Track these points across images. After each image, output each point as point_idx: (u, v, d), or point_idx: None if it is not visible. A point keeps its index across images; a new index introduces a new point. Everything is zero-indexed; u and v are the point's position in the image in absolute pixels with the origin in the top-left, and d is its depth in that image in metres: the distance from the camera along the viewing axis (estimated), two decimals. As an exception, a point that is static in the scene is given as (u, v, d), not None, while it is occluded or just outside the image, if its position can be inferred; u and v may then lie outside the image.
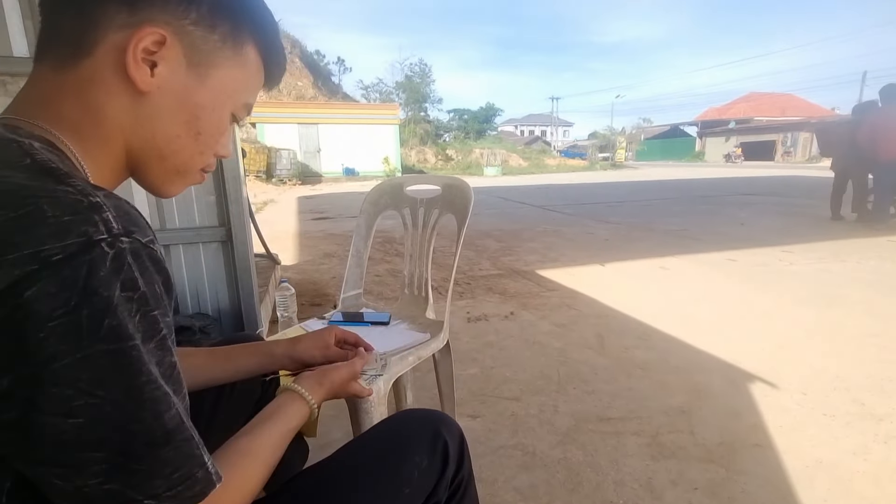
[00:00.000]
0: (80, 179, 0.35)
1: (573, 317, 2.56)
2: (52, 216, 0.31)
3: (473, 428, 1.54)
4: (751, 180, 13.97)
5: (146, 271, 0.34)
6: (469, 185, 1.38)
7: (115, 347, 0.32)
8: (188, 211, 1.67)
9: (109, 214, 0.33)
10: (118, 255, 0.32)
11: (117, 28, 0.39)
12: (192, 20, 0.41)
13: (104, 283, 0.32)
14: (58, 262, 0.30)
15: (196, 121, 0.44)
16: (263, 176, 15.13)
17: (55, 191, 0.33)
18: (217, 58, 0.43)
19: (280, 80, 0.53)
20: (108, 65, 0.40)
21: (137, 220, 0.35)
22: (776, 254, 4.04)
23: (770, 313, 2.60)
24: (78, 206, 0.32)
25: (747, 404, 1.67)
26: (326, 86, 29.64)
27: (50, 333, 0.30)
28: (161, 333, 0.35)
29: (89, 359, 0.31)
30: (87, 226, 0.32)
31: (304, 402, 0.59)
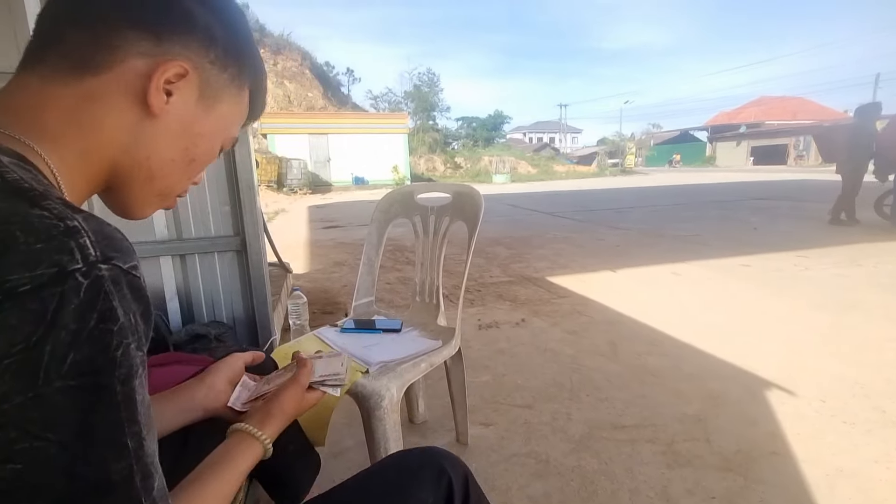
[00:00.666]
0: (57, 200, 0.33)
1: (585, 323, 2.55)
2: (23, 243, 0.29)
3: (486, 436, 1.53)
4: (763, 185, 13.80)
5: (124, 300, 0.32)
6: (479, 193, 1.39)
7: (76, 384, 0.30)
8: (204, 221, 1.71)
9: (87, 240, 0.31)
10: (94, 285, 0.31)
11: (137, 55, 0.41)
12: (210, 59, 0.45)
13: (74, 316, 0.30)
14: (24, 293, 0.29)
15: (194, 148, 0.47)
16: (275, 186, 15.33)
17: (28, 215, 0.31)
18: (223, 94, 0.47)
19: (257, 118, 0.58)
20: (119, 86, 0.41)
21: (119, 245, 0.34)
22: (791, 259, 3.98)
23: (786, 319, 2.56)
24: (52, 230, 0.31)
25: (764, 412, 1.64)
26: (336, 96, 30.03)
27: (4, 371, 0.28)
28: (140, 368, 0.34)
29: (43, 398, 0.29)
30: (60, 254, 0.30)
31: (255, 440, 0.57)
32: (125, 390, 0.32)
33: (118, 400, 0.32)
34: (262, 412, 0.61)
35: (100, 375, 0.31)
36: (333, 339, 1.29)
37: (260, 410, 0.61)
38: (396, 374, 1.09)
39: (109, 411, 0.31)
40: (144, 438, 0.33)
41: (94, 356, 0.30)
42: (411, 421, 1.61)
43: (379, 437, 1.06)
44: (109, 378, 0.31)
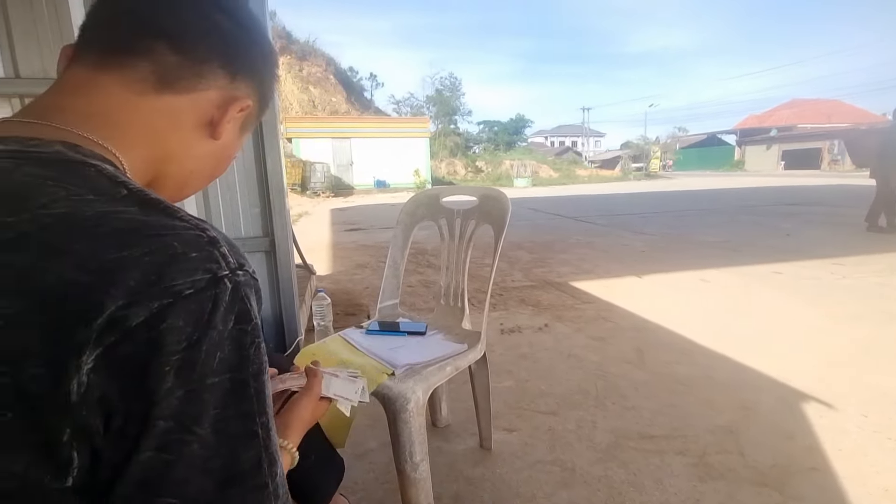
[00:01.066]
0: (183, 211, 0.37)
1: (610, 330, 2.50)
2: (181, 252, 0.33)
3: (510, 441, 1.51)
4: (795, 189, 13.32)
5: (254, 301, 0.36)
6: (506, 196, 1.38)
7: (219, 381, 0.33)
8: (235, 222, 1.75)
9: (225, 249, 0.35)
10: (236, 289, 0.34)
11: (217, 87, 0.46)
12: (255, 99, 0.50)
13: (223, 317, 0.33)
14: (188, 296, 0.32)
15: (219, 166, 0.52)
16: (298, 189, 15.62)
17: (175, 227, 0.34)
18: (251, 126, 0.54)
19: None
20: (193, 109, 0.45)
21: (239, 251, 0.38)
22: (826, 266, 3.82)
23: (822, 329, 2.46)
24: (199, 241, 0.34)
25: (801, 425, 1.58)
26: (359, 101, 30.44)
27: (172, 366, 0.31)
28: (265, 365, 0.37)
29: (195, 393, 0.32)
30: (210, 262, 0.34)
31: (285, 451, 0.59)
32: (257, 385, 0.35)
33: (251, 393, 0.35)
34: (280, 423, 0.62)
35: (237, 372, 0.34)
36: (359, 340, 1.29)
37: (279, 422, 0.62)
38: (422, 377, 1.09)
39: (243, 404, 0.35)
40: (271, 429, 0.37)
41: (233, 354, 0.34)
42: (434, 424, 1.60)
43: (404, 439, 1.06)
44: (245, 374, 0.34)
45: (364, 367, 1.12)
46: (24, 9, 1.53)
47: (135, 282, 0.31)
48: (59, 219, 0.32)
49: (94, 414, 0.30)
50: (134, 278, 0.31)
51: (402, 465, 1.08)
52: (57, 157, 0.36)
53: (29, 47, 1.55)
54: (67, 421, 0.30)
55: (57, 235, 0.32)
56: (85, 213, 0.33)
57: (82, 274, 0.30)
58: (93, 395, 0.30)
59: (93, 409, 0.30)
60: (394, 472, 1.10)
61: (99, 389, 0.30)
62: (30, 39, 1.55)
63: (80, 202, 0.33)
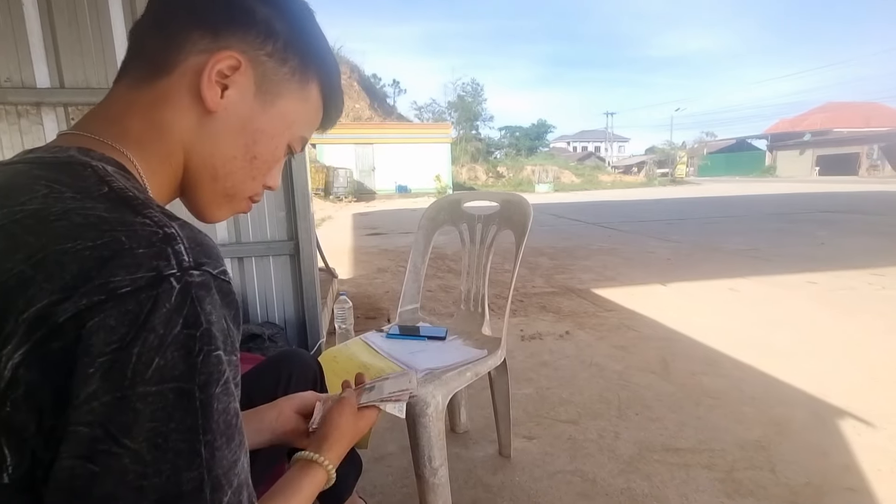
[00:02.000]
0: (157, 208, 0.35)
1: (633, 339, 2.45)
2: (127, 248, 0.31)
3: (529, 450, 1.49)
4: (831, 196, 12.82)
5: (214, 305, 0.33)
6: (528, 201, 1.38)
7: (156, 390, 0.30)
8: (261, 225, 1.79)
9: (182, 246, 0.33)
10: (184, 290, 0.31)
11: (198, 52, 0.42)
12: (267, 52, 0.44)
13: (164, 320, 0.30)
14: (124, 294, 0.30)
15: (254, 145, 0.46)
16: (321, 193, 15.89)
17: (133, 223, 0.33)
18: (283, 89, 0.46)
19: (335, 122, 0.55)
20: (182, 85, 0.42)
21: (210, 251, 0.35)
22: (865, 277, 3.65)
23: (860, 342, 2.35)
24: (152, 237, 0.32)
25: (837, 442, 1.50)
26: (382, 107, 30.85)
27: (97, 369, 0.29)
28: (224, 376, 0.33)
29: (126, 401, 0.29)
30: (158, 259, 0.31)
31: (318, 466, 0.56)
32: (203, 397, 0.31)
33: (195, 406, 0.31)
34: (318, 438, 0.60)
35: (180, 381, 0.31)
36: (379, 344, 1.30)
37: (316, 436, 0.60)
38: (442, 382, 1.09)
39: (186, 417, 0.31)
40: (218, 449, 0.32)
41: (176, 362, 0.30)
42: (453, 430, 1.60)
43: (423, 444, 1.06)
44: (189, 384, 0.31)
45: (384, 371, 1.13)
46: (70, 24, 1.62)
47: (70, 276, 0.29)
48: (29, 214, 0.32)
49: (21, 411, 0.29)
50: (71, 272, 0.30)
51: (421, 470, 1.07)
52: (65, 161, 0.37)
53: (73, 60, 1.64)
54: None
55: (21, 229, 0.32)
56: (52, 209, 0.33)
57: (27, 267, 0.30)
58: (17, 390, 0.28)
59: (19, 405, 0.29)
60: (412, 476, 1.10)
61: (25, 385, 0.29)
62: (74, 53, 1.64)
63: (55, 199, 0.33)
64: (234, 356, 0.35)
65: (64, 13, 1.61)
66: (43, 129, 1.69)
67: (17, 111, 1.66)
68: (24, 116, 1.67)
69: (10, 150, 1.68)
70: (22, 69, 1.63)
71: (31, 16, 1.60)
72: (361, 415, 0.65)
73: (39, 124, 1.68)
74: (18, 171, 0.37)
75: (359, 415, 0.64)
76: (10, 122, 1.67)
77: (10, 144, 1.68)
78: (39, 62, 1.64)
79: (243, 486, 0.35)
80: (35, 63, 1.63)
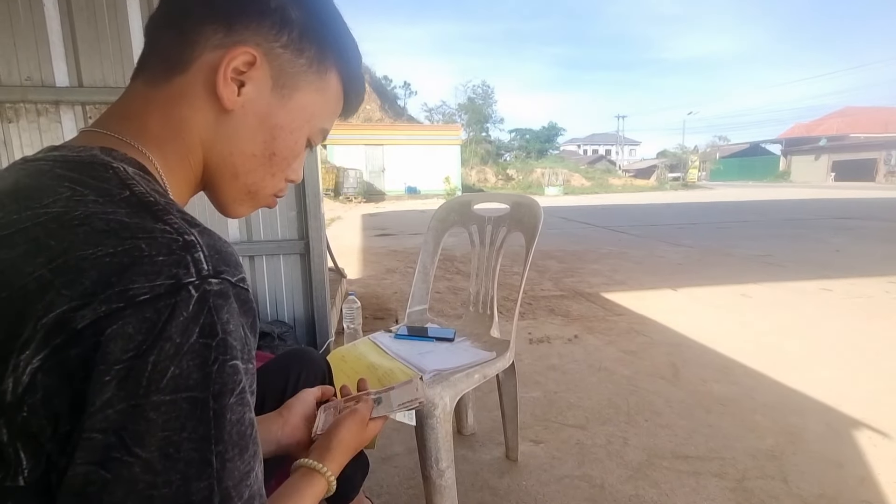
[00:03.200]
0: (177, 213, 0.35)
1: (643, 344, 2.42)
2: (147, 255, 0.31)
3: (536, 454, 1.48)
4: (847, 202, 12.59)
5: (231, 314, 0.33)
6: (538, 204, 1.37)
7: (170, 399, 0.29)
8: (272, 224, 1.81)
9: (201, 254, 0.32)
10: (202, 298, 0.31)
11: (212, 48, 0.41)
12: (282, 43, 0.42)
13: (180, 329, 0.30)
14: (143, 302, 0.29)
15: (273, 141, 0.45)
16: (331, 194, 16.00)
17: (153, 230, 0.32)
18: (301, 81, 0.44)
19: (357, 108, 0.54)
20: (198, 82, 0.41)
21: (229, 259, 0.34)
22: (881, 285, 3.58)
23: (877, 351, 2.30)
24: (172, 245, 0.32)
25: (852, 454, 1.47)
26: (393, 109, 31.00)
27: (114, 377, 0.28)
28: (240, 385, 0.32)
29: (140, 409, 0.29)
30: (177, 267, 0.31)
31: (319, 475, 0.55)
32: (216, 407, 0.31)
33: (209, 416, 0.31)
34: (321, 446, 0.58)
35: (194, 390, 0.30)
36: (388, 344, 1.30)
37: (319, 445, 0.59)
38: (450, 384, 1.09)
39: (199, 427, 0.30)
40: (230, 460, 0.32)
41: (191, 371, 0.30)
42: (460, 432, 1.59)
43: (430, 445, 1.05)
44: (203, 393, 0.31)
45: (392, 372, 1.13)
46: (89, 24, 1.65)
47: (91, 282, 0.29)
48: (52, 217, 0.32)
49: (39, 415, 0.29)
50: (91, 278, 0.29)
51: (428, 471, 1.07)
52: (88, 161, 0.37)
53: (92, 59, 1.67)
54: (2, 420, 0.29)
55: (43, 232, 0.32)
56: (75, 213, 0.32)
57: (48, 271, 0.30)
58: (35, 395, 0.29)
59: (36, 410, 0.29)
60: (419, 477, 1.10)
61: (43, 391, 0.29)
62: (93, 52, 1.67)
63: (78, 202, 0.33)
64: (251, 364, 0.34)
65: (83, 13, 1.65)
66: (61, 128, 1.72)
67: (37, 109, 1.70)
68: (43, 115, 1.70)
69: (30, 147, 1.72)
70: (42, 68, 1.66)
71: (51, 16, 1.63)
72: (368, 425, 0.63)
73: (58, 122, 1.71)
74: (42, 169, 0.37)
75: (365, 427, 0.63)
76: (30, 120, 1.70)
77: (29, 142, 1.71)
78: (59, 61, 1.67)
79: (255, 497, 0.34)
80: (55, 62, 1.66)
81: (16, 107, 1.68)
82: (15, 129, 1.69)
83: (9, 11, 1.60)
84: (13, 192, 0.35)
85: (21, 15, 1.61)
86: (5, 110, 1.68)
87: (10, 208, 0.34)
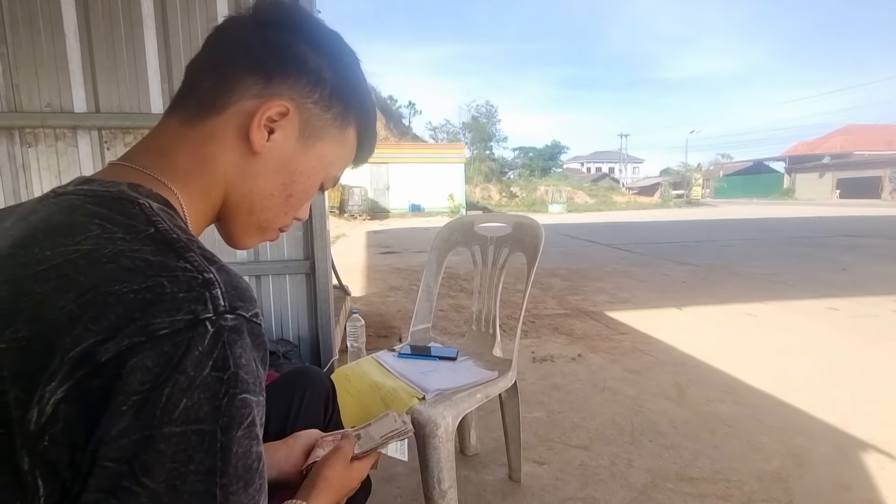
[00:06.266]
0: (198, 251, 0.37)
1: (647, 363, 2.41)
2: (169, 292, 0.32)
3: (540, 475, 1.48)
4: (853, 220, 12.54)
5: (244, 348, 0.34)
6: (540, 224, 1.40)
7: (180, 430, 0.31)
8: (279, 244, 1.85)
9: (219, 290, 0.34)
10: (217, 333, 0.32)
11: (250, 96, 0.44)
12: (314, 100, 0.46)
13: (195, 363, 0.31)
14: (163, 336, 0.31)
15: (291, 184, 0.48)
16: (336, 211, 16.14)
17: (175, 268, 0.34)
18: (325, 133, 0.48)
19: (367, 160, 0.57)
20: (231, 125, 0.44)
21: (244, 294, 0.36)
22: (888, 304, 3.55)
23: (884, 372, 2.27)
24: (192, 282, 0.34)
25: (860, 477, 1.45)
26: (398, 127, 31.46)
27: (130, 407, 0.30)
28: (248, 418, 0.34)
29: (151, 441, 0.30)
30: (196, 304, 0.33)
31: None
32: (224, 439, 0.32)
33: (216, 448, 0.32)
34: (306, 486, 0.58)
35: (203, 423, 0.31)
36: (390, 363, 1.32)
37: (305, 484, 0.59)
38: (452, 403, 1.10)
39: (206, 459, 0.31)
40: (234, 493, 0.32)
41: (202, 403, 0.31)
42: (462, 452, 1.59)
43: (433, 465, 1.06)
44: (212, 426, 0.32)
45: (395, 391, 1.14)
46: (108, 55, 1.74)
47: (116, 317, 0.31)
48: (83, 254, 0.34)
49: (59, 444, 0.30)
50: (116, 313, 0.31)
51: (430, 492, 1.07)
52: (117, 196, 0.40)
53: (109, 87, 1.75)
54: (25, 450, 0.30)
55: (74, 269, 0.33)
56: (104, 251, 0.34)
57: (76, 306, 0.31)
58: (56, 425, 0.30)
59: (56, 439, 0.30)
60: (421, 497, 1.10)
61: (64, 420, 0.30)
62: (110, 80, 1.74)
63: (107, 240, 0.35)
64: (262, 396, 0.36)
65: (103, 44, 1.73)
66: (77, 152, 1.78)
67: (55, 134, 1.76)
68: (61, 139, 1.76)
69: (47, 170, 1.77)
70: (61, 95, 1.73)
71: (72, 47, 1.71)
72: (354, 465, 0.62)
73: (74, 147, 1.77)
74: (73, 205, 0.39)
75: (351, 465, 0.62)
76: (48, 145, 1.76)
77: (46, 165, 1.77)
78: (78, 88, 1.74)
79: None
80: (74, 89, 1.74)
81: (35, 132, 1.75)
82: (34, 154, 1.75)
83: (32, 43, 1.68)
84: (46, 227, 0.37)
85: (44, 46, 1.69)
86: (25, 135, 1.74)
87: (45, 244, 0.36)
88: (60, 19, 1.70)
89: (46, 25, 1.69)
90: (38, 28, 1.69)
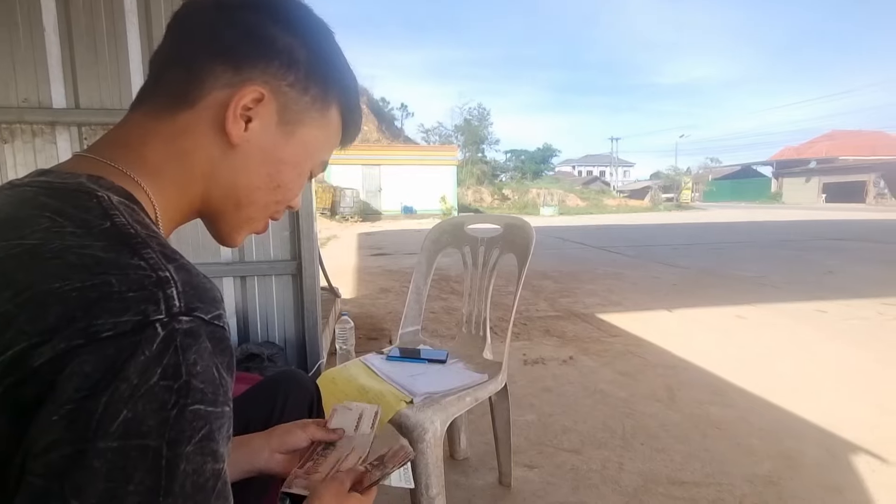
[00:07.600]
0: (157, 247, 0.34)
1: (638, 365, 2.40)
2: (116, 291, 0.29)
3: (530, 479, 1.45)
4: (839, 224, 12.74)
5: (201, 354, 0.30)
6: (530, 225, 1.38)
7: (118, 446, 0.27)
8: (265, 245, 1.81)
9: (174, 290, 0.31)
10: (168, 337, 0.29)
11: (221, 86, 0.42)
12: (289, 82, 0.43)
13: (139, 370, 0.28)
14: (105, 339, 0.28)
15: (277, 174, 0.46)
16: (328, 213, 16.04)
17: (127, 265, 0.31)
18: (305, 117, 0.45)
19: (354, 139, 0.54)
20: (205, 118, 0.42)
21: (204, 295, 0.33)
22: (875, 306, 3.59)
23: (872, 373, 2.29)
24: (144, 280, 0.31)
25: (850, 479, 1.45)
26: (390, 130, 31.43)
27: (62, 417, 0.27)
28: (200, 433, 0.29)
29: (83, 456, 0.26)
30: (146, 304, 0.29)
31: None
32: (170, 455, 0.28)
33: (160, 465, 0.28)
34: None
35: (146, 437, 0.28)
36: (379, 366, 1.29)
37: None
38: (441, 407, 1.07)
39: (146, 477, 0.28)
40: None
41: (145, 416, 0.28)
42: (452, 456, 1.56)
43: (421, 470, 1.03)
44: (157, 441, 0.28)
45: (382, 394, 1.11)
46: (89, 49, 1.69)
47: (54, 318, 0.28)
48: (26, 250, 0.31)
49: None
50: (55, 314, 0.28)
51: (419, 499, 1.05)
52: (73, 188, 0.37)
53: (90, 82, 1.70)
54: None
55: (14, 266, 0.31)
56: (50, 246, 0.31)
57: (13, 306, 0.29)
58: None
59: None
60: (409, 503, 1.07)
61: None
62: (91, 76, 1.70)
63: (56, 234, 0.32)
64: (227, 407, 0.32)
65: (83, 38, 1.68)
66: (56, 148, 1.73)
67: (33, 130, 1.71)
68: (38, 135, 1.71)
69: (24, 167, 1.72)
70: (40, 90, 1.68)
71: (51, 41, 1.66)
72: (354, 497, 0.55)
73: (53, 143, 1.72)
74: (25, 197, 0.36)
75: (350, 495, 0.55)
76: (25, 141, 1.71)
77: (23, 162, 1.72)
78: (57, 83, 1.69)
79: None
80: (52, 84, 1.69)
81: (11, 127, 1.69)
82: (10, 150, 1.70)
83: (9, 37, 1.63)
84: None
85: (21, 40, 1.64)
86: (1, 131, 1.69)
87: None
88: (39, 12, 1.65)
89: (24, 18, 1.64)
90: (16, 21, 1.64)
